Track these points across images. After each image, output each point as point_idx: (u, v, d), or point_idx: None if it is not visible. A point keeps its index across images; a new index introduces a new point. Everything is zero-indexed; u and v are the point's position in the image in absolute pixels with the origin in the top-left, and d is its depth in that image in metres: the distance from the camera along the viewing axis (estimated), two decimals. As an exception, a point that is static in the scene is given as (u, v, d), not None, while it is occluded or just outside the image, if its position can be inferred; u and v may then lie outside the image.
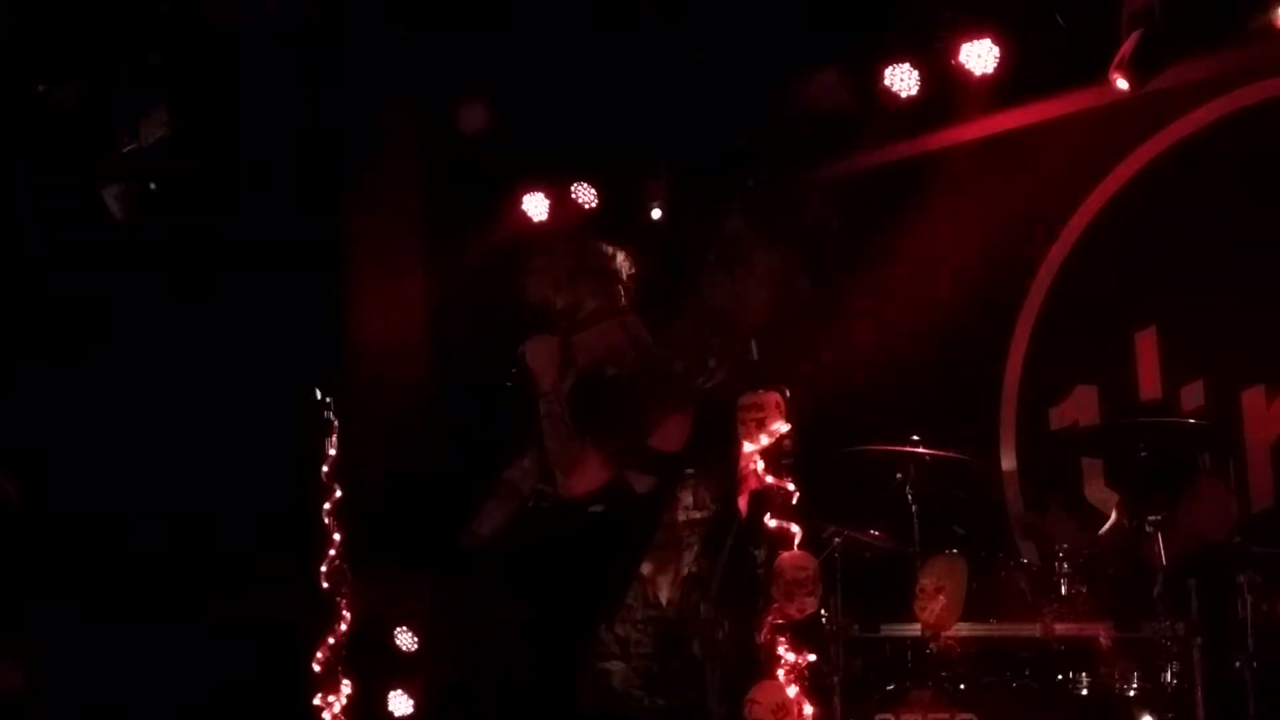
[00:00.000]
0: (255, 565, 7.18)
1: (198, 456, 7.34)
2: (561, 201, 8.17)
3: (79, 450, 7.31)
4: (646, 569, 7.38)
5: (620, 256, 5.39)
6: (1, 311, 7.28)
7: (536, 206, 8.34)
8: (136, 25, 6.92)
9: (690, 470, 6.33)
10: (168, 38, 6.92)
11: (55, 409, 7.30)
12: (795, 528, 5.04)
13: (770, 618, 5.03)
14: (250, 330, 7.41)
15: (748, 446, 5.08)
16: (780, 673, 4.99)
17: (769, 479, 5.07)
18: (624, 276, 5.33)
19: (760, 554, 6.92)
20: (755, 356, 5.01)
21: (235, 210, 7.26)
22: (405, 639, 7.84)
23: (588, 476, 5.08)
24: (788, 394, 5.06)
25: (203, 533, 7.34)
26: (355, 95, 7.62)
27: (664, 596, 7.88)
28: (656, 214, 7.79)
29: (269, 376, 7.18)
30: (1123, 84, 6.67)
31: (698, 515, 7.69)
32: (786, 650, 5.00)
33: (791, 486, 5.06)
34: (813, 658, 5.04)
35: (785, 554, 5.03)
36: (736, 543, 7.54)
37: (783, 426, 5.05)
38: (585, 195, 8.19)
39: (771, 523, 5.07)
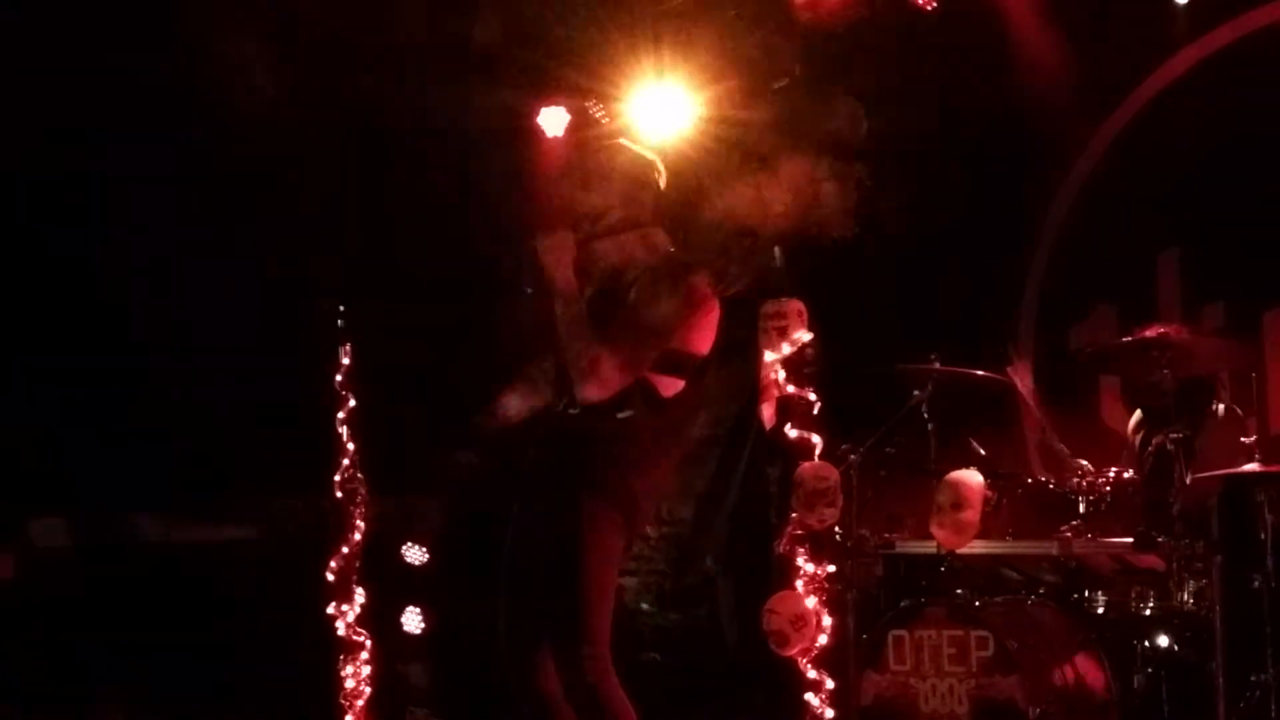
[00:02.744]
0: (270, 476, 7.14)
1: (212, 364, 7.27)
2: (580, 116, 8.04)
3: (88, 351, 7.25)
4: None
5: (654, 162, 5.13)
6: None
7: (553, 121, 8.20)
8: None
9: (708, 386, 6.25)
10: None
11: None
12: (816, 438, 4.98)
13: (790, 528, 4.97)
14: (262, 235, 7.32)
15: (769, 355, 4.99)
16: (799, 584, 4.95)
17: (790, 388, 4.99)
18: (655, 185, 5.10)
19: (774, 470, 6.91)
20: (779, 264, 4.92)
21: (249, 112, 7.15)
22: (415, 554, 7.80)
23: (605, 382, 4.86)
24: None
25: (216, 441, 7.30)
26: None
27: (680, 513, 7.85)
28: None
29: (281, 282, 7.10)
30: None
31: (715, 431, 7.63)
32: (805, 561, 4.95)
33: (813, 396, 4.98)
34: (832, 569, 5.00)
35: (806, 464, 4.97)
36: (752, 458, 7.50)
37: (805, 335, 4.97)
38: (600, 111, 8.08)
39: (792, 432, 5.00)
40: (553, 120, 8.23)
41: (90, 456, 7.17)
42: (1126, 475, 6.28)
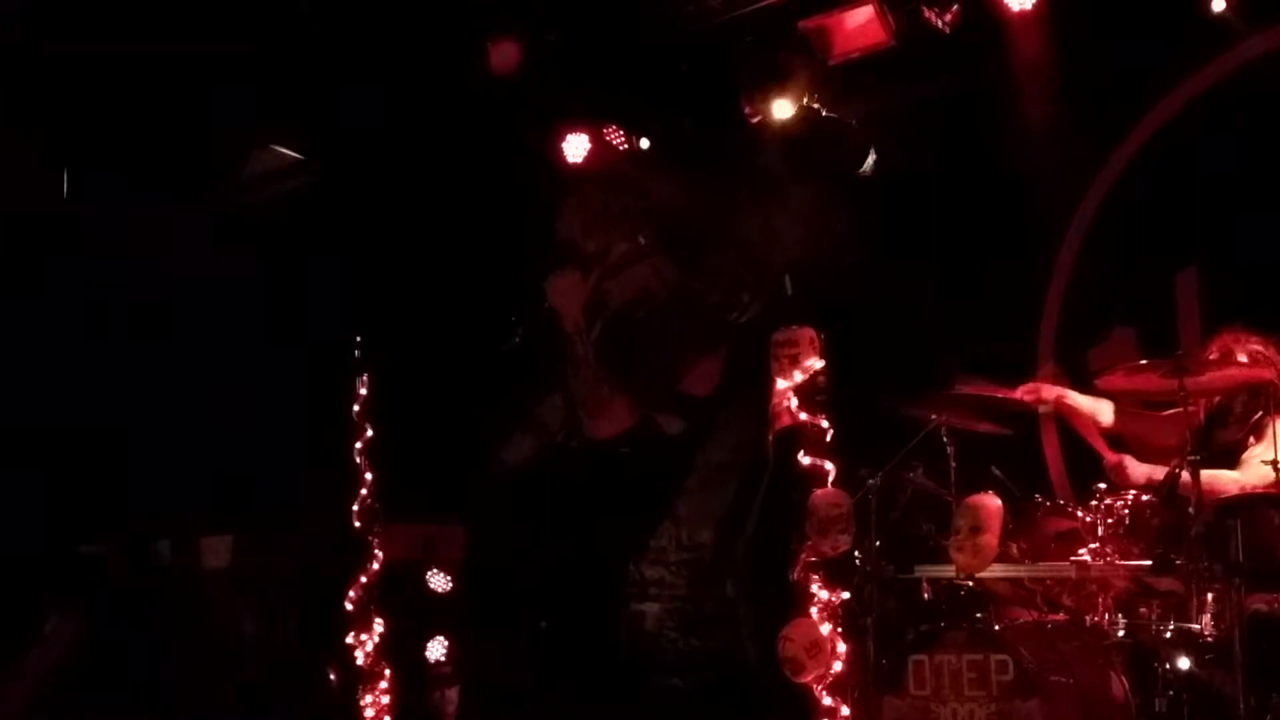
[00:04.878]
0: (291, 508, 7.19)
1: (234, 402, 7.33)
2: (600, 143, 8.09)
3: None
4: (683, 510, 7.37)
5: (650, 196, 5.28)
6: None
7: (575, 148, 8.23)
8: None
9: (728, 412, 6.29)
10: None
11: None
12: (829, 465, 5.00)
13: (804, 555, 5.00)
14: (284, 273, 7.39)
15: (781, 383, 5.03)
16: (814, 610, 4.96)
17: (802, 416, 5.02)
18: (654, 216, 5.23)
19: (797, 495, 6.91)
20: (789, 292, 4.96)
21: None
22: (438, 581, 7.82)
23: (613, 420, 5.00)
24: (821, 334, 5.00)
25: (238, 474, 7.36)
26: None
27: (700, 538, 7.85)
28: (645, 144, 7.73)
29: (303, 320, 7.16)
30: (1218, 5, 6.60)
31: (737, 456, 7.64)
32: (820, 588, 4.97)
33: (825, 423, 5.01)
34: (846, 595, 5.01)
35: (819, 491, 5.00)
36: (773, 483, 7.51)
37: (816, 363, 5.00)
38: (618, 138, 8.12)
39: (805, 460, 5.03)
40: (575, 147, 8.29)
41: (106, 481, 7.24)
42: (1144, 498, 6.27)
